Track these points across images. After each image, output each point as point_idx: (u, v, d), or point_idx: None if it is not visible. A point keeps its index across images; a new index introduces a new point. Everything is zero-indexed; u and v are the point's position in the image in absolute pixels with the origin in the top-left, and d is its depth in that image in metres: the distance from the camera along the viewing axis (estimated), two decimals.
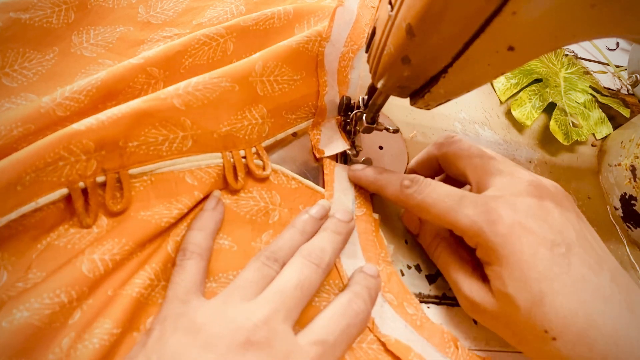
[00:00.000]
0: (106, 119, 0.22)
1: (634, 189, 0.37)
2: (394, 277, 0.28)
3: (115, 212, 0.23)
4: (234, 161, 0.26)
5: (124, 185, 0.23)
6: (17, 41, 0.26)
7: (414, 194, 0.25)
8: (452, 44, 0.18)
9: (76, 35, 0.28)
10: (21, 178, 0.20)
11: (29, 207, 0.20)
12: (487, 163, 0.26)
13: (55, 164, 0.21)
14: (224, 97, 0.25)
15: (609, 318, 0.20)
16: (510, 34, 0.17)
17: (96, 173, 0.22)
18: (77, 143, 0.21)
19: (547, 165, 0.40)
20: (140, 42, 0.30)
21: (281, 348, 0.19)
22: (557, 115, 0.41)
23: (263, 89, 0.27)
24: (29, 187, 0.20)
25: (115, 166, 0.23)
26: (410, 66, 0.21)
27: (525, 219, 0.22)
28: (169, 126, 0.24)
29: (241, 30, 0.29)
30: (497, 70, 0.19)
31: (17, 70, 0.26)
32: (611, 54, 0.52)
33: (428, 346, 0.25)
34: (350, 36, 0.30)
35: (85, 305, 0.20)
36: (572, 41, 0.17)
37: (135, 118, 0.22)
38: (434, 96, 0.22)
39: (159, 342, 0.19)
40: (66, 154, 0.21)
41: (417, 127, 0.37)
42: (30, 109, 0.21)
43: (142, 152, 0.23)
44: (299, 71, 0.29)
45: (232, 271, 0.24)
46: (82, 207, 0.22)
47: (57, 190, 0.21)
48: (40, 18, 0.27)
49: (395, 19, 0.20)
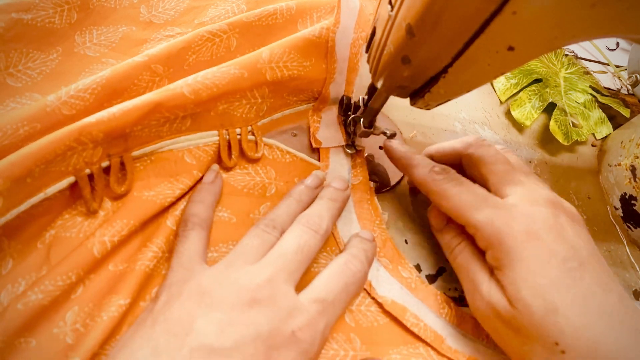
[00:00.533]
0: (117, 110, 0.22)
1: (634, 189, 0.37)
2: (388, 243, 0.29)
3: (120, 194, 0.23)
4: (230, 139, 0.27)
5: (127, 168, 0.24)
6: (20, 41, 0.26)
7: (441, 181, 0.25)
8: (452, 44, 0.18)
9: (79, 35, 0.29)
10: (32, 171, 0.20)
11: (38, 197, 0.21)
12: (510, 173, 0.25)
13: (64, 154, 0.21)
14: (233, 84, 0.26)
15: (617, 338, 0.20)
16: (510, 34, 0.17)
17: (102, 159, 0.23)
18: (87, 134, 0.21)
19: (547, 165, 0.40)
20: (142, 42, 0.30)
21: (284, 305, 0.20)
22: (557, 115, 0.41)
23: (272, 74, 0.27)
24: (38, 179, 0.20)
25: (119, 150, 0.23)
26: (410, 66, 0.21)
27: (541, 230, 0.22)
28: (173, 110, 0.24)
29: (244, 26, 0.29)
30: (497, 70, 0.19)
31: (21, 71, 0.26)
32: (611, 54, 0.52)
33: (423, 307, 0.26)
34: (358, 23, 0.30)
35: (88, 280, 0.21)
36: (572, 41, 0.17)
37: (146, 110, 0.23)
38: (434, 96, 0.22)
39: (166, 306, 0.20)
40: (75, 144, 0.21)
41: (417, 127, 0.37)
42: (35, 108, 0.22)
43: (145, 135, 0.24)
44: (309, 58, 0.29)
45: (232, 241, 0.25)
46: (89, 193, 0.22)
47: (64, 179, 0.22)
48: (42, 18, 0.27)
49: (395, 19, 0.20)
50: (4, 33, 0.26)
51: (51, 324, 0.20)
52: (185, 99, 0.24)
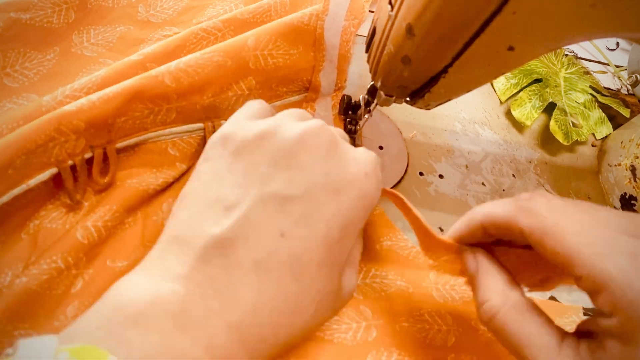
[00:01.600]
0: (97, 99, 0.22)
1: (634, 189, 0.37)
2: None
3: (103, 184, 0.23)
4: (216, 130, 0.27)
5: (110, 159, 0.23)
6: (18, 41, 0.26)
7: (541, 209, 0.17)
8: (452, 44, 0.18)
9: (77, 35, 0.29)
10: (13, 162, 0.20)
11: (20, 189, 0.21)
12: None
13: (46, 145, 0.21)
14: (215, 72, 0.25)
15: None
16: (510, 34, 0.17)
17: (84, 150, 0.23)
18: (67, 124, 0.21)
19: (547, 165, 0.40)
20: (140, 41, 0.30)
21: (344, 152, 0.20)
22: (557, 115, 0.41)
23: (255, 62, 0.27)
24: (20, 170, 0.20)
25: (102, 142, 0.23)
26: (410, 66, 0.21)
27: None
28: (156, 101, 0.24)
29: (239, 23, 0.29)
30: (497, 70, 0.19)
31: (18, 71, 0.26)
32: (611, 54, 0.52)
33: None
34: (350, 10, 0.30)
35: (87, 274, 0.21)
36: (572, 41, 0.17)
37: (126, 97, 0.23)
38: (434, 96, 0.22)
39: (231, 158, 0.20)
40: (56, 135, 0.21)
41: (417, 127, 0.37)
42: (31, 108, 0.22)
43: (129, 127, 0.24)
44: (295, 45, 0.28)
45: None
46: (72, 184, 0.22)
47: (47, 170, 0.21)
48: (40, 18, 0.27)
49: (395, 19, 0.20)
50: (2, 33, 0.25)
51: (52, 317, 0.20)
52: (165, 88, 0.24)
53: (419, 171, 0.34)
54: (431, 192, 0.34)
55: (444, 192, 0.34)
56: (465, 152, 0.37)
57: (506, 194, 0.36)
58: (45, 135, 0.20)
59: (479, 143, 0.38)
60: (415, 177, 0.34)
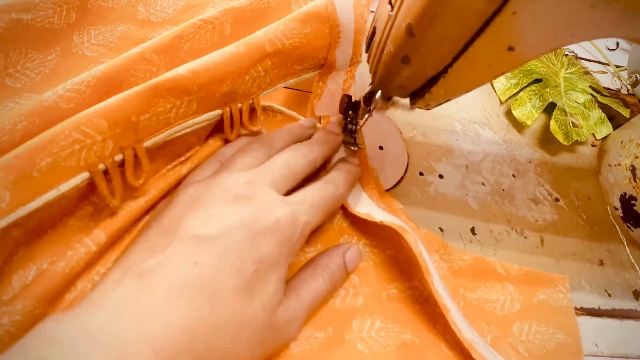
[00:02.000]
0: (117, 98, 0.22)
1: (634, 189, 0.37)
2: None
3: (137, 186, 0.24)
4: (232, 114, 0.27)
5: (142, 160, 0.23)
6: (20, 42, 0.26)
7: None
8: (452, 44, 0.18)
9: (77, 35, 0.29)
10: (36, 164, 0.19)
11: (51, 194, 0.20)
12: None
13: (71, 148, 0.20)
14: (232, 61, 0.25)
15: None
16: (510, 34, 0.17)
17: (114, 152, 0.22)
18: (88, 123, 0.21)
19: (547, 165, 0.40)
20: (141, 41, 0.30)
21: (266, 200, 0.22)
22: (557, 115, 0.41)
23: (272, 45, 0.27)
24: (48, 174, 0.20)
25: (131, 142, 0.23)
26: (410, 66, 0.21)
27: None
28: (176, 94, 0.24)
29: (236, 11, 0.29)
30: (497, 70, 0.19)
31: (19, 71, 0.26)
32: (611, 54, 0.52)
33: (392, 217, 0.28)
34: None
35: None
36: (572, 41, 0.17)
37: (145, 93, 0.23)
38: (434, 96, 0.22)
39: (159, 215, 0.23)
40: (80, 136, 0.21)
41: (417, 127, 0.37)
42: (32, 104, 0.21)
43: (153, 124, 0.24)
44: (309, 24, 0.28)
45: None
46: (107, 189, 0.22)
47: (78, 175, 0.21)
48: (41, 18, 0.27)
49: (395, 19, 0.20)
50: (3, 33, 0.25)
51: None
52: (183, 78, 0.24)
53: (419, 171, 0.34)
54: (431, 192, 0.34)
55: (444, 192, 0.34)
56: (465, 152, 0.37)
57: (506, 193, 0.36)
58: (66, 136, 0.20)
59: (479, 143, 0.39)
60: (415, 177, 0.34)
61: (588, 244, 0.36)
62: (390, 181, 0.33)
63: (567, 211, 0.37)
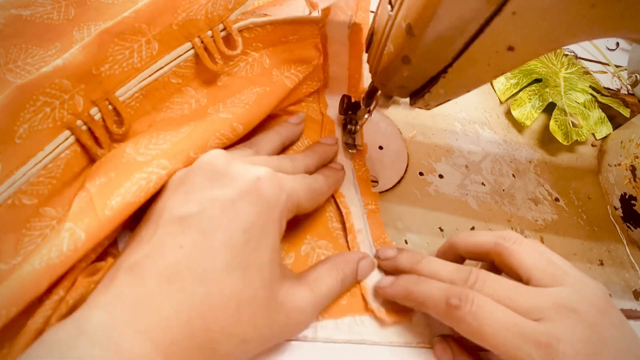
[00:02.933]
0: (69, 54, 0.22)
1: (634, 189, 0.37)
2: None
3: (121, 134, 0.24)
4: (205, 44, 0.26)
5: (118, 107, 0.24)
6: (20, 37, 0.26)
7: (466, 318, 0.20)
8: (452, 44, 0.18)
9: (77, 31, 0.29)
10: (14, 132, 0.20)
11: (40, 156, 0.21)
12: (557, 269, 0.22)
13: (42, 111, 0.21)
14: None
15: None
16: (510, 34, 0.17)
17: (87, 107, 0.23)
18: (51, 85, 0.21)
19: (547, 165, 0.40)
20: None
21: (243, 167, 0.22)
22: (557, 115, 0.41)
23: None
24: (28, 139, 0.21)
25: (100, 94, 0.23)
26: (410, 66, 0.21)
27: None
28: (127, 37, 0.24)
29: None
30: (497, 70, 0.19)
31: (20, 66, 0.26)
32: (611, 54, 0.52)
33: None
34: None
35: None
36: (572, 41, 0.17)
37: (95, 43, 0.23)
38: (434, 96, 0.22)
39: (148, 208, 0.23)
40: (47, 98, 0.21)
41: (417, 127, 0.37)
42: None
43: (118, 72, 0.24)
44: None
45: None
46: (90, 140, 0.23)
47: (60, 135, 0.22)
48: (41, 14, 0.27)
49: (395, 19, 0.20)
50: (3, 29, 0.26)
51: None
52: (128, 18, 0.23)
53: (419, 171, 0.34)
54: (431, 192, 0.34)
55: (443, 192, 0.34)
56: (465, 152, 0.37)
57: (506, 193, 0.36)
58: (34, 101, 0.21)
59: (479, 143, 0.39)
60: (415, 177, 0.34)
61: (588, 244, 0.36)
62: (390, 181, 0.33)
63: (567, 211, 0.37)
